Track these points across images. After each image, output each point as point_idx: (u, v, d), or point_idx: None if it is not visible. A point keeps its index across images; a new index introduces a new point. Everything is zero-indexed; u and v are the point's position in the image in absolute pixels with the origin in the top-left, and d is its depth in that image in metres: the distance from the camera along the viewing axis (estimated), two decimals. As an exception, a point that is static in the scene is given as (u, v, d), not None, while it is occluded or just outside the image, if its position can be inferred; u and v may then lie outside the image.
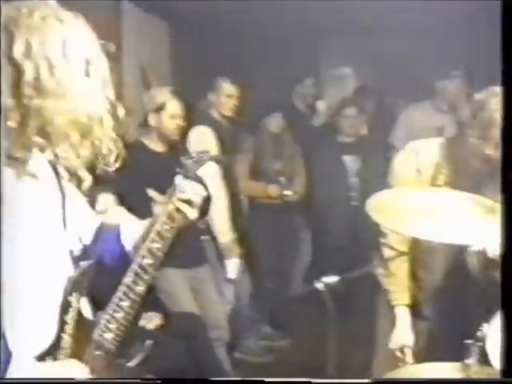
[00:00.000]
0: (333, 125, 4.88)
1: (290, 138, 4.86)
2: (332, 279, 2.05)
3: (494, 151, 2.35)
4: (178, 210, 1.72)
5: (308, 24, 5.51)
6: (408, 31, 5.44)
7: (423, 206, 1.98)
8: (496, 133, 2.30)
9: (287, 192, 4.68)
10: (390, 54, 6.02)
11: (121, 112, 1.55)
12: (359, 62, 6.55)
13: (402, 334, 2.59)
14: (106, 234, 1.84)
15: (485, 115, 2.32)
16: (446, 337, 2.58)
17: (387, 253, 2.61)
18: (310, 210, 4.88)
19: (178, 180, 1.74)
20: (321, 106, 5.55)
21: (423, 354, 2.59)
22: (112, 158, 1.55)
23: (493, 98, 2.33)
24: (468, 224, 1.91)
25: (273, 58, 6.23)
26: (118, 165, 1.56)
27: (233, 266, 4.06)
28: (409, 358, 2.56)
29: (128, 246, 1.82)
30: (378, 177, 2.80)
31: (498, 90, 2.35)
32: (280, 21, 5.35)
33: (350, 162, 4.66)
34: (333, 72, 6.84)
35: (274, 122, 4.74)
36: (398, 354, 2.57)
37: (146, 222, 1.82)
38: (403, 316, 2.60)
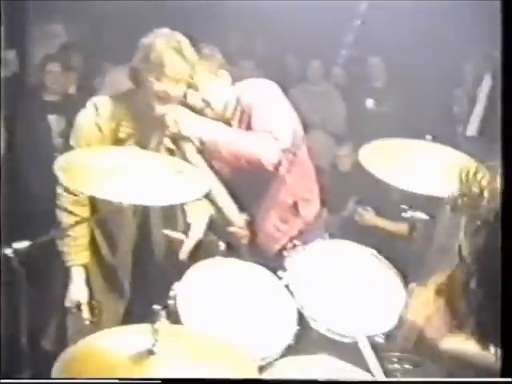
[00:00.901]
0: (38, 81, 4.68)
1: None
2: (22, 244, 1.98)
3: (166, 87, 2.39)
4: None
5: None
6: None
7: (109, 166, 1.97)
8: (167, 71, 2.36)
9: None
10: (102, 12, 5.91)
11: None
12: (69, 18, 6.31)
13: (76, 291, 2.65)
14: None
15: (152, 56, 2.37)
16: (141, 299, 2.64)
17: (63, 216, 2.65)
18: (9, 170, 4.59)
19: None
20: (9, 55, 5.16)
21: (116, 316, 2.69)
22: None
23: (157, 39, 2.40)
24: (153, 184, 1.95)
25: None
26: None
27: None
28: (86, 314, 2.65)
29: None
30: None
31: (162, 31, 2.43)
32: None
33: (55, 121, 4.48)
34: (41, 28, 6.48)
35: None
36: (75, 310, 2.64)
37: None
38: (77, 274, 2.66)
